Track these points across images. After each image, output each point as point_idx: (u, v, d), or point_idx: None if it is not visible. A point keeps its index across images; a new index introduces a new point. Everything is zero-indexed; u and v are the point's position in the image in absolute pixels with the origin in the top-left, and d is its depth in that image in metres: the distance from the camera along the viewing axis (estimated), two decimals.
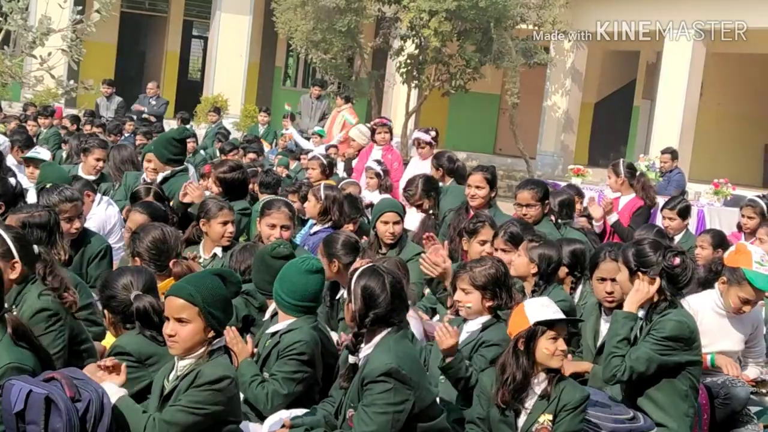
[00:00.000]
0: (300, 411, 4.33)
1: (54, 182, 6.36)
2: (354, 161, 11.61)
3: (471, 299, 4.70)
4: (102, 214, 7.08)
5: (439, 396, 4.50)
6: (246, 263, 5.57)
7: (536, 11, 18.83)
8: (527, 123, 21.10)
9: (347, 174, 11.23)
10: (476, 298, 4.70)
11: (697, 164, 18.92)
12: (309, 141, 14.81)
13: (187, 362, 3.76)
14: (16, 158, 9.90)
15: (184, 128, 9.66)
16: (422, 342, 5.13)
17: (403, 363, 3.92)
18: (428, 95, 19.07)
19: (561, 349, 4.05)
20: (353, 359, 4.11)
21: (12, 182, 6.57)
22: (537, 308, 4.10)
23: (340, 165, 11.81)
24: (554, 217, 7.15)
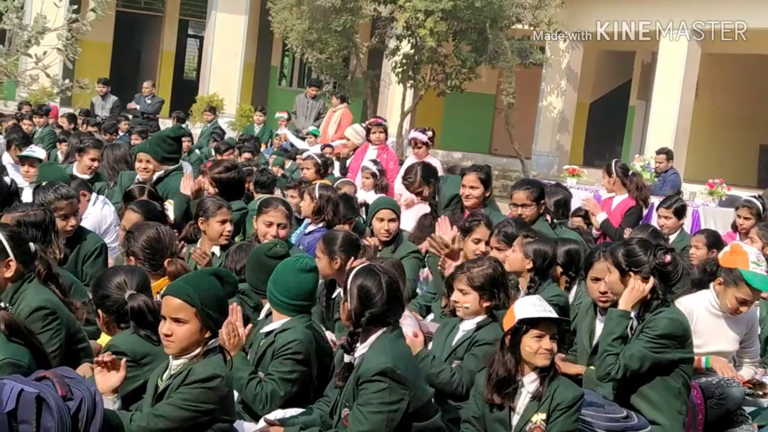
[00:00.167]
0: (295, 410, 4.32)
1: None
2: (348, 161, 11.60)
3: (469, 299, 4.71)
4: (98, 214, 7.07)
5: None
6: (242, 263, 5.56)
7: (532, 11, 18.83)
8: (523, 123, 21.08)
9: (341, 174, 11.22)
10: (474, 299, 4.70)
11: (692, 164, 18.94)
12: (304, 141, 14.81)
13: (181, 361, 3.77)
14: (14, 157, 9.88)
15: (180, 126, 9.65)
16: None
17: (399, 363, 3.92)
18: (424, 95, 19.07)
19: (546, 348, 4.03)
20: (348, 358, 4.11)
21: (6, 181, 6.55)
22: (524, 306, 4.09)
23: (337, 164, 11.81)
24: (550, 217, 7.15)
